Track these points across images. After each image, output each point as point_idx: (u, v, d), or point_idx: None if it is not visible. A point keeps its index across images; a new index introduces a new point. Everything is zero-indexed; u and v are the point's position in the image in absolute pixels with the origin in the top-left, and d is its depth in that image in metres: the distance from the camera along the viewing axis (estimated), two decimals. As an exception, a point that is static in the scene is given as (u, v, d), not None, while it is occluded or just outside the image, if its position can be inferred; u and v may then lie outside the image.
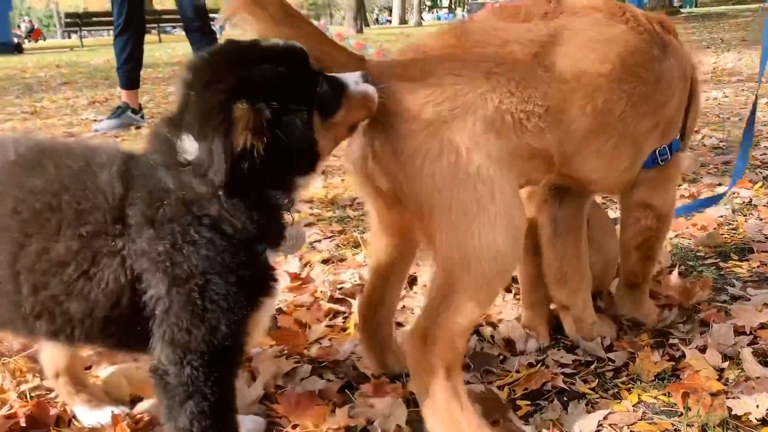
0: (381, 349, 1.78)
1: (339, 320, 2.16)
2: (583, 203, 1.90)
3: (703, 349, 1.84)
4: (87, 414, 1.61)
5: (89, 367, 1.81)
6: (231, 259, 1.18)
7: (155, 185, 1.19)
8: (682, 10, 27.81)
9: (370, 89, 1.33)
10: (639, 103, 1.64)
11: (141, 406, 1.66)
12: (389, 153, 1.39)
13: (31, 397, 1.69)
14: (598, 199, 2.60)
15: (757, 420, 1.55)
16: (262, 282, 1.25)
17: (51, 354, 1.60)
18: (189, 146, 1.16)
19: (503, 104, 1.44)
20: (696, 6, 34.13)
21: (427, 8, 62.41)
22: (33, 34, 37.46)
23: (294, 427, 1.59)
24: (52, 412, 1.62)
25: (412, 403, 1.64)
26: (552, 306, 2.01)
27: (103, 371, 1.78)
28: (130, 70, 5.54)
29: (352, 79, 1.31)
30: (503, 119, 1.44)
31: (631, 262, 1.96)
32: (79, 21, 24.81)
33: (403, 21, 36.38)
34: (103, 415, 1.60)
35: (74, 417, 1.62)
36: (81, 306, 1.19)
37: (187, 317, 1.18)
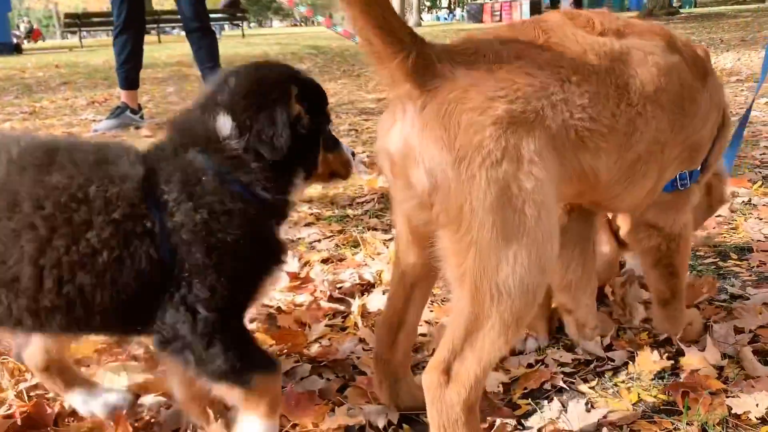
0: (396, 378, 1.61)
1: (338, 320, 2.16)
2: (594, 216, 1.88)
3: (702, 348, 1.84)
4: (82, 403, 1.61)
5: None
6: (257, 230, 1.35)
7: (186, 164, 1.33)
8: (681, 10, 27.82)
9: (353, 162, 1.55)
10: (678, 133, 1.58)
11: (146, 400, 1.66)
12: (442, 143, 1.23)
13: (30, 397, 1.68)
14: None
15: (757, 419, 1.55)
16: (276, 253, 1.40)
17: (33, 350, 1.58)
18: (224, 123, 1.33)
19: (573, 118, 1.34)
20: (695, 6, 34.15)
21: (426, 8, 62.39)
22: (32, 34, 37.43)
23: (293, 426, 1.58)
24: (50, 411, 1.62)
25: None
26: (553, 305, 2.01)
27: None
28: (129, 71, 5.53)
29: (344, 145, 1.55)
30: (567, 135, 1.34)
31: (652, 279, 1.87)
32: (79, 21, 24.75)
33: (402, 21, 36.26)
34: (97, 404, 1.60)
35: (74, 411, 1.62)
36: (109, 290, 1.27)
37: (215, 282, 1.30)
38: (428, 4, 65.34)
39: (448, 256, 1.29)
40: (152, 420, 1.61)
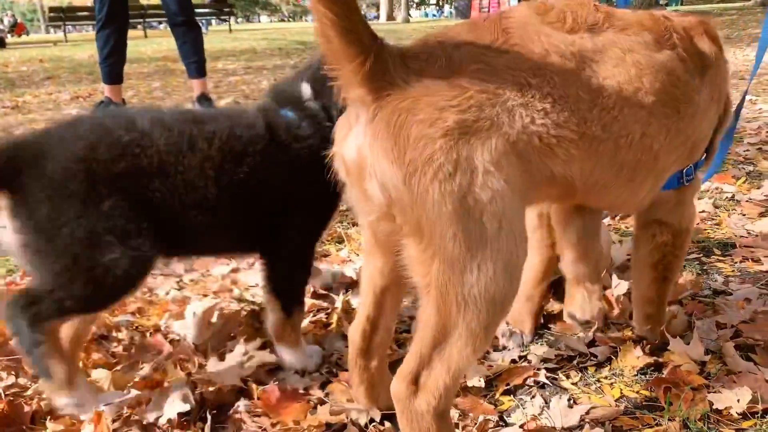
0: (372, 382, 1.59)
1: (322, 316, 2.14)
2: (599, 211, 1.88)
3: (686, 344, 1.84)
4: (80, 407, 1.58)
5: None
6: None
7: (284, 117, 1.72)
8: (667, 8, 27.97)
9: None
10: (674, 138, 1.50)
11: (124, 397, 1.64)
12: (392, 157, 1.18)
13: (6, 395, 1.66)
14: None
15: (738, 414, 1.55)
16: (340, 194, 1.70)
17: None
18: (305, 89, 1.75)
19: (534, 124, 1.26)
20: (681, 4, 34.34)
21: (414, 5, 62.33)
22: (16, 28, 37.00)
23: (274, 425, 1.57)
24: (27, 409, 1.60)
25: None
26: (543, 303, 2.01)
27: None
28: (112, 65, 5.46)
29: None
30: (530, 141, 1.27)
31: (645, 283, 1.81)
32: (63, 16, 24.51)
33: (390, 17, 36.28)
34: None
35: (51, 410, 1.60)
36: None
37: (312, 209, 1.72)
38: (417, 0, 65.30)
39: (413, 265, 1.25)
40: (131, 416, 1.59)
